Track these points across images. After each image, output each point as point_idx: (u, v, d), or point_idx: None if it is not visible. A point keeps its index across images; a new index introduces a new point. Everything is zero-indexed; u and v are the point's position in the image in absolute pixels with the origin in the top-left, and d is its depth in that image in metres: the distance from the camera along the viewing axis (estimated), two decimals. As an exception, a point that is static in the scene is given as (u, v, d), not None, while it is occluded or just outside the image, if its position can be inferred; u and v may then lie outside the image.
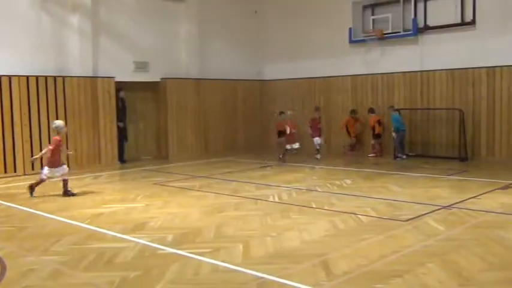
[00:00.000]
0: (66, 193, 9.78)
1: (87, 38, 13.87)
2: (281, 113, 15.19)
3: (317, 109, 15.36)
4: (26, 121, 12.60)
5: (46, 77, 13.00)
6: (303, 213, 7.99)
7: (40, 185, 9.85)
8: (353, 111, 15.65)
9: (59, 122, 10.08)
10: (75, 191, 9.94)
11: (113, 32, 14.56)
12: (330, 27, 16.42)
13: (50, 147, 9.83)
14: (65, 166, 9.97)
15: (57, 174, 9.83)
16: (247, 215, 7.91)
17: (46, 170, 9.77)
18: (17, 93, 12.51)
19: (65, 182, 9.84)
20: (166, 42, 15.79)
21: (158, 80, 15.64)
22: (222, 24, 17.13)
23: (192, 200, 9.27)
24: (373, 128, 15.00)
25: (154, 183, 11.12)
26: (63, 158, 10.18)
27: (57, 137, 9.83)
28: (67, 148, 11.33)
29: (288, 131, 14.20)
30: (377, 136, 15.01)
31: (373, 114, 15.01)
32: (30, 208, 8.70)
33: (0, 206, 9.08)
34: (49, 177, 9.85)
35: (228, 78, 17.12)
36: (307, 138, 15.22)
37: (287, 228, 6.99)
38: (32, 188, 9.77)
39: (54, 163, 9.75)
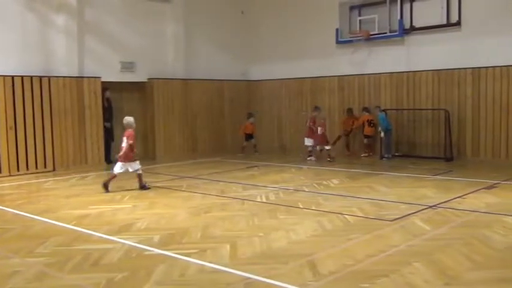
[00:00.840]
0: (144, 187, 10.18)
1: (73, 38, 13.77)
2: (250, 115, 15.39)
3: (315, 109, 15.18)
4: (11, 122, 12.47)
5: (31, 77, 12.89)
6: (290, 213, 8.01)
7: (113, 181, 10.15)
8: (349, 110, 15.54)
9: (131, 118, 10.39)
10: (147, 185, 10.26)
11: (99, 31, 14.48)
12: (317, 27, 16.47)
13: (130, 141, 10.05)
14: (138, 161, 10.23)
15: (130, 169, 10.15)
16: (234, 215, 7.90)
17: (119, 165, 10.10)
18: (1, 94, 12.38)
19: (140, 176, 10.22)
20: (153, 42, 15.74)
21: (145, 80, 15.58)
22: (208, 24, 17.12)
23: (179, 200, 9.25)
24: (362, 127, 15.06)
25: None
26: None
27: (132, 131, 10.15)
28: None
29: (319, 131, 14.39)
30: (366, 136, 15.08)
31: (366, 113, 15.05)
32: (15, 209, 8.62)
33: (-16, 207, 8.99)
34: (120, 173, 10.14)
35: (214, 78, 17.10)
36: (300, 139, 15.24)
37: (274, 229, 7.00)
38: (106, 185, 10.09)
39: (129, 158, 10.07)
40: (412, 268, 5.29)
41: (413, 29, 14.51)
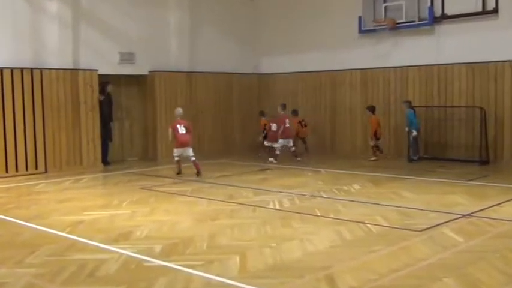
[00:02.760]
0: (200, 173, 12.39)
1: (67, 26, 13.86)
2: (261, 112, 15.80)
3: (283, 107, 15.32)
4: (0, 117, 12.58)
5: (22, 70, 12.99)
6: (306, 221, 7.99)
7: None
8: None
9: (180, 109, 13.15)
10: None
11: (95, 19, 14.56)
12: (337, 15, 16.43)
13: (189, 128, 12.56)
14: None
15: (185, 154, 12.52)
16: (244, 223, 7.90)
17: (176, 151, 12.54)
18: (-11, 87, 12.51)
19: (195, 162, 12.48)
20: (155, 31, 15.80)
21: (146, 73, 15.64)
22: (216, 12, 17.14)
23: (183, 206, 9.27)
24: (375, 129, 14.93)
25: (141, 188, 11.12)
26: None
27: (184, 121, 12.71)
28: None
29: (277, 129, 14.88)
30: (378, 138, 15.02)
31: (372, 114, 15.00)
32: (3, 215, 8.69)
33: (-31, 212, 9.08)
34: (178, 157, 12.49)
35: (222, 71, 17.13)
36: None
37: (288, 238, 6.99)
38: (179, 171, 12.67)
39: (185, 143, 12.45)
40: (441, 284, 5.26)
41: (444, 17, 14.42)
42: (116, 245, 6.80)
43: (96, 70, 14.21)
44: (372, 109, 15.08)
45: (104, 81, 14.49)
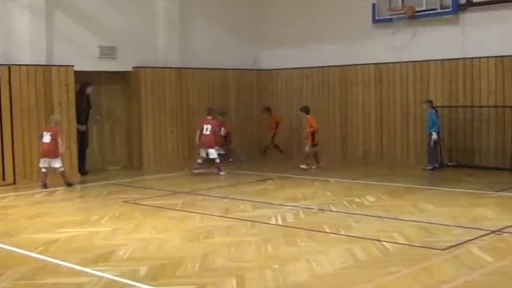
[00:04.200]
0: (69, 184, 12.76)
1: (40, 16, 13.86)
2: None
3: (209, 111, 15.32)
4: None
5: (-14, 66, 13.01)
6: (313, 239, 7.98)
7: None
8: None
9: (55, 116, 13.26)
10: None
11: (72, 8, 14.57)
12: (347, 3, 16.45)
13: (59, 138, 12.59)
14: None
15: (54, 165, 12.61)
16: (242, 241, 7.88)
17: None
18: (-51, 86, 12.51)
19: (63, 172, 12.79)
20: (140, 22, 15.80)
21: (129, 69, 15.65)
22: (209, 1, 17.15)
23: (172, 222, 9.25)
24: (313, 133, 15.00)
25: (124, 201, 11.10)
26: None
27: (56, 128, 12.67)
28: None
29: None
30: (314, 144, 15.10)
31: (308, 115, 15.13)
32: (-35, 232, 8.68)
33: None
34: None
35: (217, 67, 17.13)
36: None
37: (292, 259, 6.97)
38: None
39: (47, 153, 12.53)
40: (468, 310, 5.25)
41: (470, 4, 14.44)
42: (95, 267, 6.77)
43: (73, 66, 14.18)
44: (305, 110, 15.22)
45: (84, 81, 14.49)
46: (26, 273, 6.62)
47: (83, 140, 14.63)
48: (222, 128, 15.60)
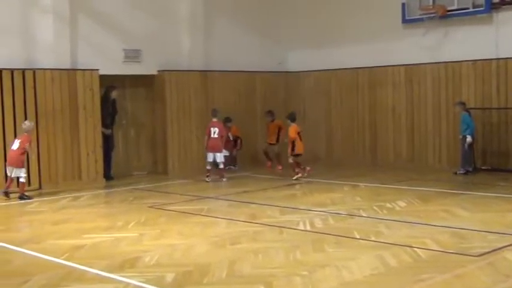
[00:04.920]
0: (23, 197, 12.05)
1: (64, 21, 14.01)
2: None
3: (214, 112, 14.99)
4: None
5: (12, 71, 13.15)
6: (342, 245, 7.96)
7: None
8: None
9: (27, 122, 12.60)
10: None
11: (95, 12, 14.71)
12: (376, 2, 16.39)
13: (27, 147, 12.16)
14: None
15: (17, 174, 12.13)
16: (269, 247, 7.88)
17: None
18: (-25, 91, 12.71)
19: (23, 184, 12.16)
20: (164, 25, 15.90)
21: (154, 72, 15.74)
22: (233, 2, 17.22)
23: (198, 228, 9.29)
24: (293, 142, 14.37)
25: (150, 207, 11.18)
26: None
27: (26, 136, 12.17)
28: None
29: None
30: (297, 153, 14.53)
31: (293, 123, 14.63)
32: (-9, 238, 8.81)
33: (-47, 235, 9.20)
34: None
35: (242, 69, 17.16)
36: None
37: (321, 265, 6.96)
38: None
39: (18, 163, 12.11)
40: (504, 319, 5.20)
41: (504, 2, 14.29)
42: (121, 274, 6.82)
43: (97, 70, 14.32)
44: (291, 117, 14.66)
45: (109, 85, 14.64)
46: (51, 280, 6.69)
47: (108, 144, 14.76)
48: (229, 134, 15.64)
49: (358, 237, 8.35)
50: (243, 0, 17.42)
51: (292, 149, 14.34)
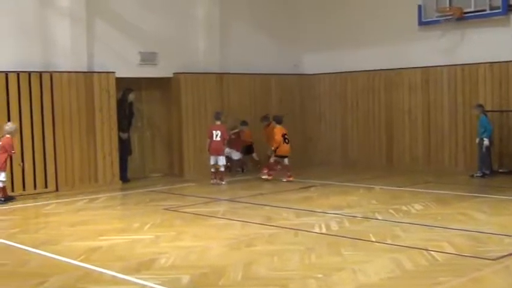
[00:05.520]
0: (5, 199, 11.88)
1: (80, 23, 14.10)
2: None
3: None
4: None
5: (29, 73, 13.26)
6: (358, 248, 7.95)
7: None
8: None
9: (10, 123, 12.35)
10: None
11: (112, 15, 14.79)
12: (392, 4, 16.35)
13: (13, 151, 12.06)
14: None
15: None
16: (285, 250, 7.88)
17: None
18: (-8, 94, 12.81)
19: (3, 188, 11.93)
20: (180, 27, 15.95)
21: (170, 75, 15.80)
22: (249, 4, 17.24)
23: (213, 230, 9.32)
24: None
25: (165, 209, 11.21)
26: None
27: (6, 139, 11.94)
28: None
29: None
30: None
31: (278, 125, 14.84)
32: (7, 240, 8.85)
33: (-30, 237, 9.29)
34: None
35: (258, 72, 17.17)
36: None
37: (337, 268, 6.95)
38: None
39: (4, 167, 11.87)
40: (521, 323, 5.16)
41: (521, 4, 14.26)
42: (137, 275, 6.85)
43: (114, 73, 14.40)
44: (278, 119, 14.88)
45: (126, 88, 14.71)
46: (68, 281, 6.74)
47: (124, 147, 14.84)
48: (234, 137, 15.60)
49: (374, 240, 8.32)
50: (259, 2, 17.45)
51: (275, 150, 14.52)
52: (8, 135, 11.99)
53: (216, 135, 14.26)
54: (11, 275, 7.10)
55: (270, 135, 15.58)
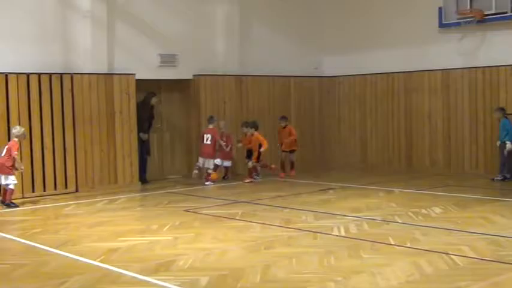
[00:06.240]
0: (8, 204, 11.63)
1: (101, 26, 14.19)
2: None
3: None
4: (25, 129, 12.89)
5: (50, 75, 13.36)
6: (378, 251, 7.91)
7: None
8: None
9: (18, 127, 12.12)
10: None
11: (133, 17, 14.87)
12: (413, 6, 16.29)
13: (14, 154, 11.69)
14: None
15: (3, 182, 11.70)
16: (304, 252, 7.87)
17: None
18: (14, 95, 12.87)
19: (11, 191, 11.71)
20: (200, 29, 16.00)
21: (189, 77, 15.85)
22: (268, 6, 17.24)
23: (232, 232, 9.31)
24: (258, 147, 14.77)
25: (184, 210, 11.24)
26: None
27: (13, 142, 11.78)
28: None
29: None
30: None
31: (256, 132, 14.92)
32: (28, 240, 8.92)
33: (-9, 237, 9.38)
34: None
35: (277, 74, 17.18)
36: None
37: (356, 271, 6.93)
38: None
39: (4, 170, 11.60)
40: (544, 329, 5.10)
41: (543, 6, 14.14)
42: (156, 277, 6.87)
43: (134, 75, 14.48)
44: (255, 125, 14.99)
45: (149, 92, 14.82)
46: (87, 282, 6.78)
47: (144, 148, 14.91)
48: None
49: (393, 243, 8.28)
50: (279, 4, 17.44)
51: (258, 157, 14.80)
52: (15, 139, 11.82)
53: (206, 139, 14.51)
54: (32, 275, 7.15)
55: (286, 137, 15.67)
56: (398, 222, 9.75)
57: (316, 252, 7.82)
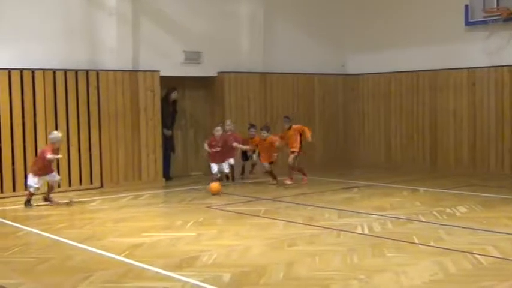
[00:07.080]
0: (50, 200, 11.76)
1: (127, 22, 14.29)
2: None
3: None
4: (51, 125, 13.07)
5: (76, 71, 13.48)
6: (401, 250, 7.88)
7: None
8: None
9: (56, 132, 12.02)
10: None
11: (158, 14, 14.94)
12: (438, 5, 16.15)
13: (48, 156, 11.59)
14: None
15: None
16: (327, 250, 7.86)
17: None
18: (41, 91, 13.02)
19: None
20: (224, 27, 16.03)
21: (214, 74, 15.88)
22: (293, 3, 17.22)
23: (255, 229, 9.33)
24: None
25: (208, 207, 11.30)
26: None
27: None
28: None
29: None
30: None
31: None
32: (53, 235, 9.03)
33: (17, 231, 9.49)
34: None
35: (302, 72, 17.16)
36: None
37: (379, 270, 6.91)
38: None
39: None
40: None
41: None
42: (179, 272, 6.91)
43: (158, 71, 14.56)
44: (267, 128, 14.30)
45: (170, 87, 14.86)
46: (112, 276, 6.84)
47: (168, 145, 14.99)
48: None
49: (417, 242, 8.24)
50: (304, 1, 17.41)
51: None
52: (52, 143, 11.67)
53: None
54: (58, 269, 7.23)
55: (294, 138, 14.58)
56: (422, 221, 9.70)
57: (339, 251, 7.81)
